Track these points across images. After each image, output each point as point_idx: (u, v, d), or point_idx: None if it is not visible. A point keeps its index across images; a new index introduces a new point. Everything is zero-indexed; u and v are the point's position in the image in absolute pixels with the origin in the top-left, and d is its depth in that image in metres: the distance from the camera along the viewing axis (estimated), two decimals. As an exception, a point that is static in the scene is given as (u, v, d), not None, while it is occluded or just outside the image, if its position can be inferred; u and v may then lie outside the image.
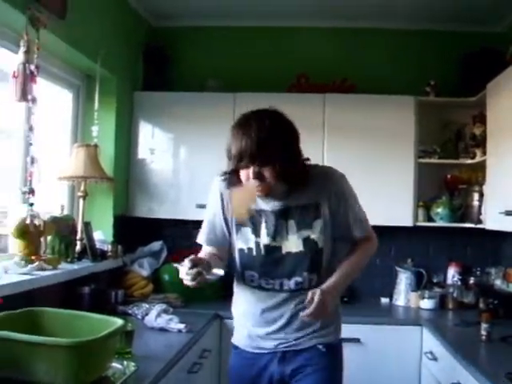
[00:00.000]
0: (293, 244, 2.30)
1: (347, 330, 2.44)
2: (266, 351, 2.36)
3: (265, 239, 2.32)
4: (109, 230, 3.95)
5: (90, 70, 3.75)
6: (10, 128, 3.17)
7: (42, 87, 3.03)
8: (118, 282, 3.81)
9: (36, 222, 2.85)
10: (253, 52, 4.63)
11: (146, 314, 3.18)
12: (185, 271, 2.09)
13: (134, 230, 4.22)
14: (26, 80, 2.64)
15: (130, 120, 4.29)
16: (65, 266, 3.11)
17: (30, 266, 2.73)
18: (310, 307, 2.14)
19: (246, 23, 4.60)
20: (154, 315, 3.10)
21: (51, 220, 3.13)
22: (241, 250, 2.37)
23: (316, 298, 2.13)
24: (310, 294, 2.16)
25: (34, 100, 2.72)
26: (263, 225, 2.32)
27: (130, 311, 3.39)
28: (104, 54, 3.58)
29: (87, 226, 3.54)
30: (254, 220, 2.33)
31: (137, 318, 3.25)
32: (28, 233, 2.82)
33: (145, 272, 3.94)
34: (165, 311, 3.15)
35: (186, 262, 2.10)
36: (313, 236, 2.29)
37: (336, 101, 4.17)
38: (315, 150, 4.02)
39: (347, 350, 2.45)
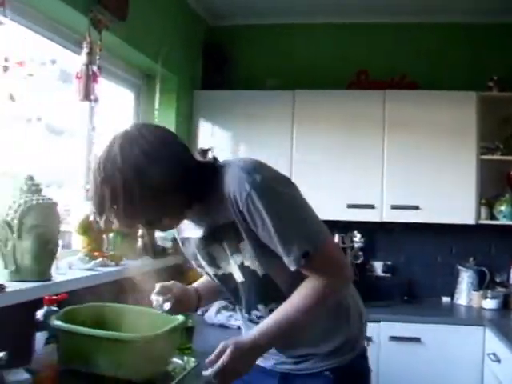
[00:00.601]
0: (236, 271, 1.80)
1: (407, 329, 2.41)
2: (266, 368, 1.96)
3: (210, 270, 1.91)
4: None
5: (151, 70, 3.80)
6: (72, 127, 3.24)
7: (104, 87, 3.09)
8: (179, 279, 3.82)
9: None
10: (310, 50, 4.61)
11: (206, 311, 3.20)
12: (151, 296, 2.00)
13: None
14: (89, 80, 2.69)
15: (189, 118, 4.33)
16: (127, 263, 3.16)
17: (93, 262, 2.78)
18: (211, 367, 1.63)
19: (302, 20, 4.58)
20: (214, 312, 3.12)
21: (113, 217, 3.18)
22: None
23: (224, 358, 1.62)
24: (220, 346, 1.65)
25: (96, 100, 2.78)
26: (198, 255, 1.90)
27: (190, 307, 3.42)
28: (165, 53, 3.62)
29: (148, 223, 3.59)
30: (189, 251, 1.98)
31: (197, 315, 3.27)
32: (91, 230, 2.87)
33: (205, 269, 3.97)
34: (225, 308, 3.17)
35: (157, 287, 2.03)
36: (246, 263, 1.74)
37: (396, 97, 4.13)
38: (375, 146, 4.00)
39: (407, 349, 2.38)
